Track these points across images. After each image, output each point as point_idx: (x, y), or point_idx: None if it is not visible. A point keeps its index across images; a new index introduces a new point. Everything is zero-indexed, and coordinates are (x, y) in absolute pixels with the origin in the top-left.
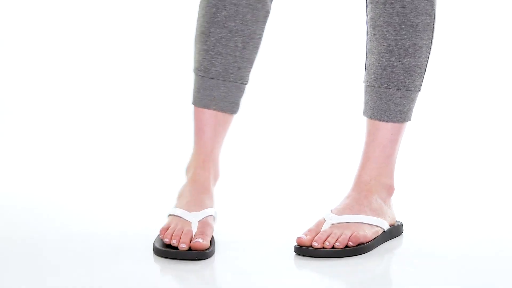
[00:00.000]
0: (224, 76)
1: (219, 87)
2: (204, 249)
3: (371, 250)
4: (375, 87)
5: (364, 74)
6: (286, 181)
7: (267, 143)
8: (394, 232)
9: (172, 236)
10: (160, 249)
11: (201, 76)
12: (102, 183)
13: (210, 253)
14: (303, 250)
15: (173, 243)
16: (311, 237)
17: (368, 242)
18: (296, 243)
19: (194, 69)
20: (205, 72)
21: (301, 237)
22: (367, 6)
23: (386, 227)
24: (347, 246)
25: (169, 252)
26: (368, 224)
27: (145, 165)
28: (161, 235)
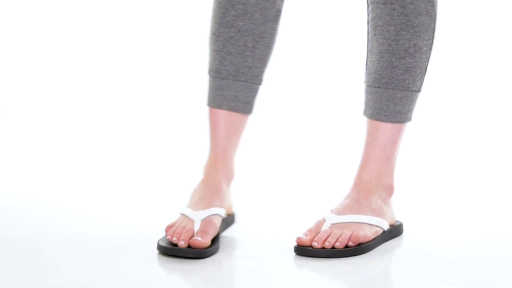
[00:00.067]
0: (234, 75)
1: (230, 86)
2: (202, 247)
3: (371, 250)
4: (375, 87)
5: (365, 74)
6: (286, 181)
7: (267, 143)
8: (394, 232)
9: (174, 233)
10: (160, 245)
11: (213, 76)
12: (102, 183)
13: (208, 252)
14: (303, 250)
15: (174, 240)
16: (311, 237)
17: (368, 242)
18: (296, 243)
19: (207, 70)
20: (216, 72)
21: (301, 237)
22: (368, 6)
23: (386, 227)
24: (347, 246)
25: (167, 248)
26: (368, 224)
27: (147, 165)
28: (166, 233)
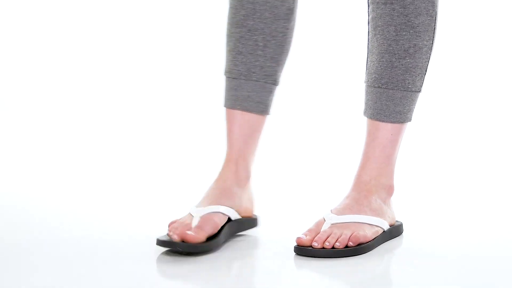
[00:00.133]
0: (246, 75)
1: (242, 86)
2: (194, 242)
3: (371, 250)
4: (375, 87)
5: (365, 74)
6: (286, 181)
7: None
8: (394, 232)
9: (173, 228)
10: (157, 238)
11: (226, 77)
12: (103, 184)
13: (199, 247)
14: (303, 250)
15: (170, 234)
16: (311, 237)
17: (368, 242)
18: (296, 243)
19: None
20: (229, 73)
21: (301, 237)
22: (368, 6)
23: (386, 227)
24: (347, 246)
25: (160, 241)
26: (368, 224)
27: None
28: (168, 228)
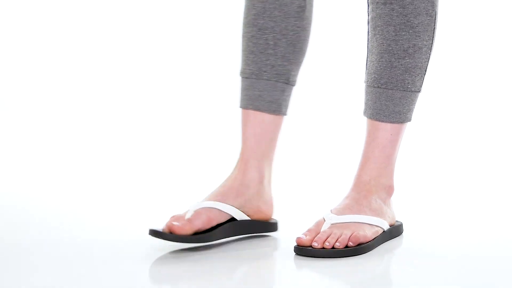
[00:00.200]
0: (257, 74)
1: (253, 86)
2: (177, 233)
3: (371, 250)
4: (374, 87)
5: (365, 74)
6: (286, 181)
7: None
8: (394, 232)
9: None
10: (149, 228)
11: (241, 77)
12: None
13: (185, 239)
14: (303, 250)
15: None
16: (311, 237)
17: (368, 242)
18: (296, 243)
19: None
20: (242, 73)
21: (301, 237)
22: (368, 6)
23: (386, 227)
24: (347, 246)
25: (150, 230)
26: (368, 224)
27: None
28: None
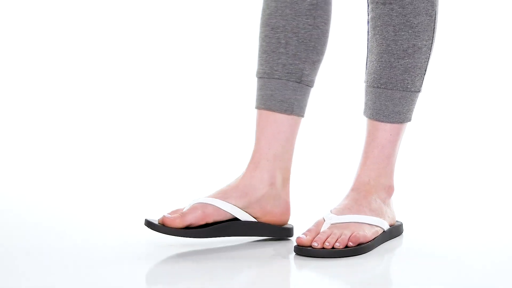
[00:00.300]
0: (268, 74)
1: (265, 85)
2: (168, 225)
3: (371, 250)
4: (374, 87)
5: (365, 74)
6: None
7: None
8: (394, 232)
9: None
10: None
11: (256, 77)
12: (103, 185)
13: (174, 232)
14: (303, 250)
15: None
16: (311, 237)
17: (368, 242)
18: (296, 243)
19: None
20: (257, 73)
21: (300, 237)
22: (368, 6)
23: (386, 227)
24: (347, 246)
25: (145, 220)
26: (368, 224)
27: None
28: None
